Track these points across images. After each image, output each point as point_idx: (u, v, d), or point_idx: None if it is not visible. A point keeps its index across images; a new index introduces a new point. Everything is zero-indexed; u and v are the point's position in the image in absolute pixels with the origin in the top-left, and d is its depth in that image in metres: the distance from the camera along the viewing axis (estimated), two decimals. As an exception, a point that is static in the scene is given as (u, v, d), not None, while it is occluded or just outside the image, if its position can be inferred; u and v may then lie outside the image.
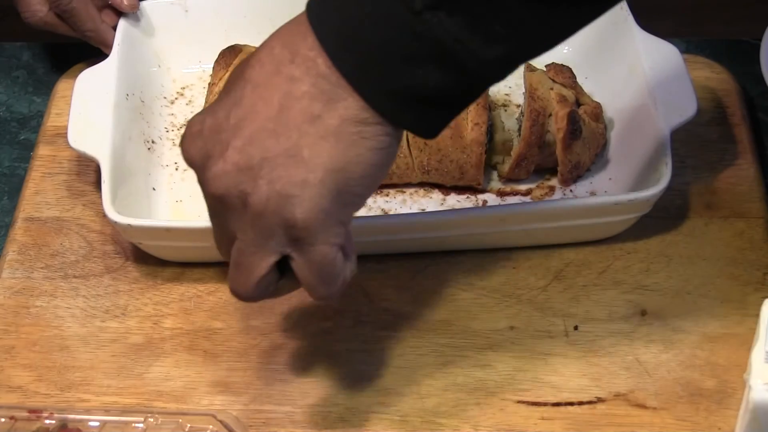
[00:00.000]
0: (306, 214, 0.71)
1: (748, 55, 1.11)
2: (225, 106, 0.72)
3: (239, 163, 0.71)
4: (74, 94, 0.99)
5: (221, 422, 0.82)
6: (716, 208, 0.98)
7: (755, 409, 0.77)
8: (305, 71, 0.70)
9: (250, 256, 0.73)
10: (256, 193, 0.71)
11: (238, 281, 0.75)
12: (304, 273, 0.74)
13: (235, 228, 0.73)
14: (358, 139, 0.70)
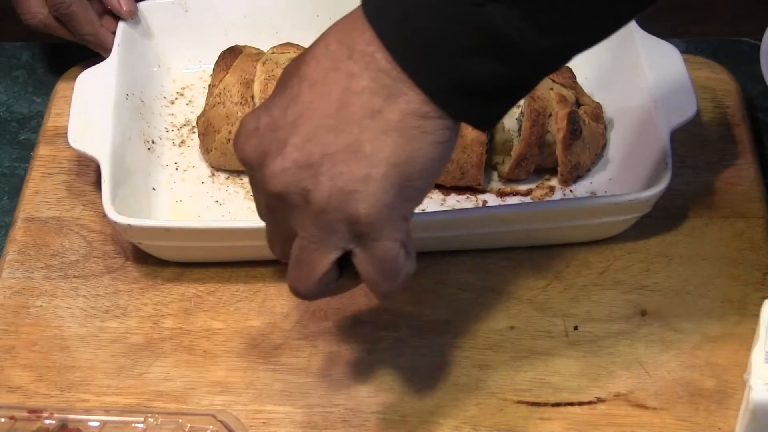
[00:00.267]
0: (369, 209, 0.70)
1: (748, 55, 1.11)
2: (280, 103, 0.72)
3: (299, 160, 0.71)
4: (74, 94, 0.99)
5: (221, 422, 0.83)
6: (716, 208, 0.98)
7: (755, 409, 0.77)
8: (364, 66, 0.69)
9: (312, 252, 0.73)
10: (317, 190, 0.70)
11: (298, 279, 0.75)
12: (367, 269, 0.73)
13: (295, 225, 0.73)
14: (420, 134, 0.70)
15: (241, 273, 0.95)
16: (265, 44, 1.04)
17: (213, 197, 1.00)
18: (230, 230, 0.91)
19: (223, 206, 1.00)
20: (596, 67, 1.05)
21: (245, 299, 0.94)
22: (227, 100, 0.99)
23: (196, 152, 1.03)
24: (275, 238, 0.77)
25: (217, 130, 1.00)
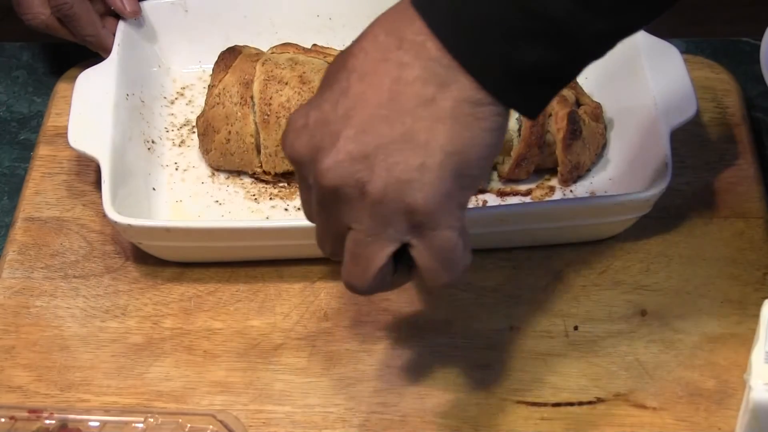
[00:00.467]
0: (427, 198, 0.70)
1: (748, 55, 1.11)
2: (330, 97, 0.72)
3: (353, 152, 0.70)
4: (74, 94, 0.99)
5: (221, 422, 0.82)
6: (716, 208, 0.98)
7: (755, 409, 0.77)
8: (415, 56, 0.69)
9: (368, 246, 0.73)
10: (373, 181, 0.70)
11: (354, 273, 0.74)
12: (426, 260, 0.73)
13: (350, 219, 0.72)
14: (473, 120, 0.70)
15: (241, 273, 0.95)
16: (265, 44, 1.04)
17: (213, 197, 1.00)
18: (230, 230, 0.91)
19: (223, 206, 1.00)
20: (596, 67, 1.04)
21: (245, 299, 0.94)
22: (227, 101, 0.99)
23: (196, 152, 1.03)
24: (326, 236, 0.76)
25: (216, 131, 1.00)
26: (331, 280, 0.95)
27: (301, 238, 0.92)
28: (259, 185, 1.01)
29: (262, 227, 0.92)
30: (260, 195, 1.00)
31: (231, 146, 0.99)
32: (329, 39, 1.07)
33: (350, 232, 0.73)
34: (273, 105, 0.98)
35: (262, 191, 1.00)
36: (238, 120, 0.98)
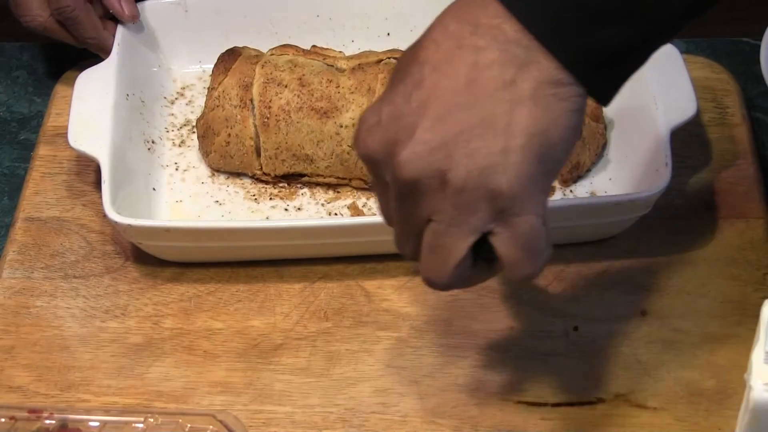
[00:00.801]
0: (512, 182, 0.69)
1: (748, 55, 1.11)
2: (402, 91, 0.71)
3: (432, 142, 0.69)
4: (74, 94, 0.99)
5: (221, 422, 0.82)
6: (716, 208, 0.98)
7: (755, 409, 0.77)
8: (491, 39, 0.68)
9: (449, 237, 0.71)
10: (455, 169, 0.69)
11: (434, 266, 0.72)
12: (509, 248, 0.71)
13: (431, 211, 0.71)
14: (555, 101, 0.69)
15: (241, 273, 0.95)
16: (265, 44, 1.04)
17: (213, 197, 1.00)
18: (230, 230, 0.91)
19: (223, 206, 1.00)
20: (596, 67, 1.05)
21: (245, 299, 0.94)
22: (226, 103, 0.99)
23: (196, 152, 1.03)
24: (406, 234, 0.74)
25: (216, 133, 1.00)
26: (331, 280, 0.95)
27: (301, 238, 0.92)
28: (259, 185, 1.01)
29: (262, 227, 0.92)
30: (260, 195, 1.00)
31: (231, 149, 0.99)
32: (329, 39, 1.07)
33: (429, 225, 0.71)
34: (272, 107, 0.98)
35: (262, 191, 1.01)
36: (238, 123, 0.98)
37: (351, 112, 0.97)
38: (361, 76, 0.98)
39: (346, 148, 0.97)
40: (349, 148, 0.97)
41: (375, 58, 0.99)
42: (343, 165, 0.98)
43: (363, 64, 0.99)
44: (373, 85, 0.97)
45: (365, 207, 0.99)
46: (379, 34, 1.09)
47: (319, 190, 1.00)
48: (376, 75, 0.97)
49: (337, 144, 0.97)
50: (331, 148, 0.98)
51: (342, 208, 0.99)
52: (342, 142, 0.97)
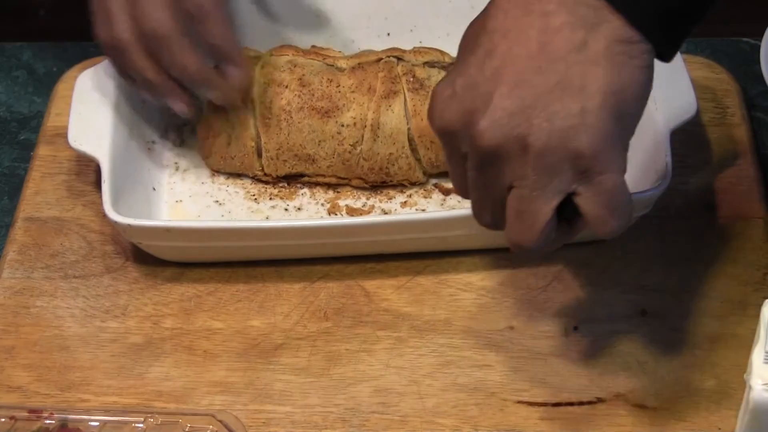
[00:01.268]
0: (593, 141, 0.70)
1: (748, 55, 1.11)
2: (474, 62, 0.72)
3: (510, 108, 0.70)
4: (74, 94, 0.99)
5: (221, 422, 0.83)
6: (716, 208, 0.98)
7: (755, 409, 0.77)
8: (559, 3, 0.70)
9: (534, 201, 0.72)
10: (535, 133, 0.70)
11: (521, 231, 0.74)
12: (594, 207, 0.73)
13: (512, 177, 0.72)
14: (627, 59, 0.70)
15: (241, 273, 0.95)
16: (265, 45, 1.04)
17: (213, 197, 1.00)
18: (230, 230, 0.91)
19: (223, 206, 1.00)
20: (596, 67, 1.05)
21: (245, 299, 0.94)
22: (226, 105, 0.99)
23: (195, 152, 1.03)
24: (486, 204, 0.76)
25: (216, 135, 1.00)
26: (331, 280, 0.95)
27: (301, 238, 0.92)
28: (259, 185, 1.01)
29: (262, 227, 0.92)
30: (260, 195, 1.00)
31: (231, 150, 0.99)
32: (329, 39, 1.07)
33: (513, 192, 0.73)
34: (273, 108, 0.98)
35: (262, 191, 1.01)
36: (239, 124, 0.98)
37: (351, 111, 0.97)
38: (361, 75, 0.98)
39: (348, 147, 0.97)
40: (350, 147, 0.97)
41: (375, 58, 0.99)
42: (344, 164, 0.98)
43: (363, 63, 0.99)
44: (373, 84, 0.97)
45: (365, 207, 0.99)
46: (379, 34, 1.09)
47: (319, 190, 1.00)
48: (377, 74, 0.98)
49: (339, 143, 0.97)
50: (333, 147, 0.98)
51: (342, 208, 0.99)
52: (343, 141, 0.97)
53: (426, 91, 0.97)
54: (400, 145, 0.97)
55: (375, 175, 0.99)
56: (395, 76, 0.97)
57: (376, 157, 0.98)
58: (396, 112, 0.97)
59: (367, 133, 0.97)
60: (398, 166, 0.98)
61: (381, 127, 0.97)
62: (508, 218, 0.74)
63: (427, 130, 0.96)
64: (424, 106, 0.96)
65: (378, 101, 0.96)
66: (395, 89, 0.97)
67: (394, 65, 0.98)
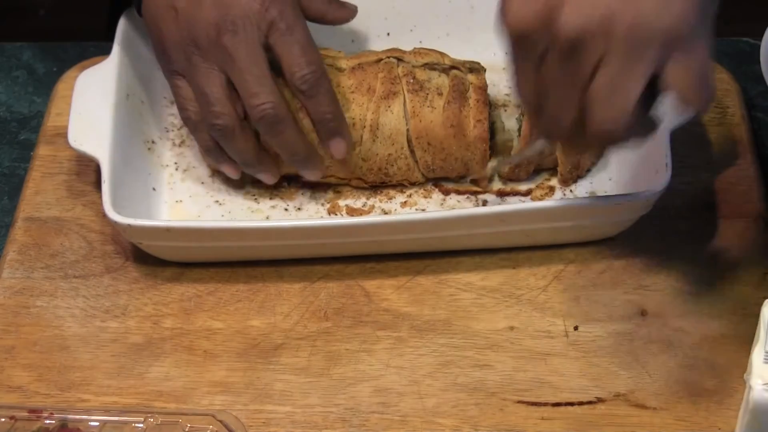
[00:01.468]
0: (678, 17, 0.71)
1: (748, 55, 1.11)
2: None
3: None
4: (74, 94, 0.99)
5: (221, 422, 0.83)
6: (716, 208, 0.98)
7: (755, 409, 0.77)
8: None
9: (622, 83, 0.73)
10: (621, 13, 0.71)
11: (609, 116, 0.74)
12: (684, 80, 0.73)
13: (598, 59, 0.73)
14: None
15: (241, 273, 0.95)
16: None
17: (213, 197, 1.00)
18: (230, 230, 0.91)
19: (223, 206, 1.00)
20: (596, 67, 1.05)
21: (245, 299, 0.94)
22: None
23: (196, 152, 1.03)
24: (568, 101, 0.76)
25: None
26: (331, 280, 0.95)
27: (301, 238, 0.92)
28: (259, 185, 1.01)
29: (262, 227, 0.92)
30: (260, 195, 1.00)
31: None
32: (329, 39, 1.07)
33: (598, 77, 0.73)
34: None
35: (262, 191, 1.00)
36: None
37: (351, 111, 0.97)
38: (361, 75, 0.98)
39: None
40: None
41: (375, 58, 0.99)
42: (343, 165, 0.98)
43: (363, 63, 0.99)
44: (373, 85, 0.97)
45: (365, 207, 0.99)
46: (379, 34, 1.09)
47: (319, 191, 1.00)
48: (376, 74, 0.97)
49: (337, 143, 0.97)
50: (332, 148, 0.98)
51: (342, 208, 0.99)
52: None
53: (425, 92, 0.97)
54: (399, 146, 0.97)
55: (374, 175, 0.98)
56: (395, 77, 0.97)
57: (375, 157, 0.97)
58: (395, 113, 0.96)
59: (366, 134, 0.97)
60: (397, 166, 0.98)
61: (380, 128, 0.97)
62: (594, 106, 0.75)
63: (424, 132, 0.96)
64: (423, 107, 0.96)
65: (377, 102, 0.96)
66: (395, 90, 0.97)
67: (394, 66, 0.98)
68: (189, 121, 0.94)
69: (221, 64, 0.91)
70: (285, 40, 0.91)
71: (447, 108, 0.96)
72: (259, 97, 0.91)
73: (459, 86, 0.97)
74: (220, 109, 0.91)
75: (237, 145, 0.93)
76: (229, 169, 0.97)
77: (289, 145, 0.93)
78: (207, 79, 0.92)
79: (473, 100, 0.96)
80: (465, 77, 0.98)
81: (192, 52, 0.91)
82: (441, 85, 0.97)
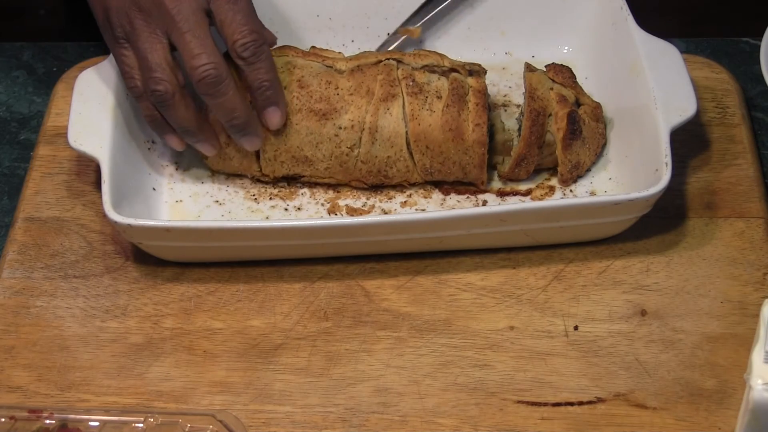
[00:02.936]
0: None
1: (748, 55, 1.11)
2: None
3: None
4: (74, 94, 0.99)
5: (221, 422, 0.83)
6: (716, 208, 0.98)
7: (755, 409, 0.77)
8: None
9: None
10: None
11: None
12: None
13: None
14: None
15: (241, 273, 0.95)
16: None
17: (213, 197, 1.00)
18: (230, 230, 0.91)
19: (223, 206, 1.00)
20: (596, 67, 1.05)
21: (245, 299, 0.94)
22: None
23: (196, 152, 1.03)
24: None
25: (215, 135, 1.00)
26: (331, 280, 0.95)
27: (301, 238, 0.92)
28: (259, 185, 1.01)
29: (262, 227, 0.92)
30: (260, 195, 1.00)
31: (230, 151, 0.99)
32: (329, 39, 1.07)
33: None
34: None
35: (262, 191, 1.01)
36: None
37: (350, 113, 0.97)
38: (360, 77, 0.97)
39: (345, 149, 0.97)
40: (348, 149, 0.97)
41: (374, 59, 0.99)
42: (342, 167, 0.98)
43: (362, 65, 0.98)
44: (372, 87, 0.97)
45: (365, 207, 0.99)
46: (379, 34, 1.09)
47: (319, 190, 1.00)
48: (375, 76, 0.97)
49: (336, 146, 0.97)
50: (330, 149, 0.97)
51: (342, 207, 0.99)
52: (341, 143, 0.97)
53: (425, 95, 0.97)
54: (398, 148, 0.97)
55: (373, 177, 0.99)
56: (394, 80, 0.97)
57: (374, 160, 0.97)
58: (394, 116, 0.96)
59: (364, 136, 0.96)
60: (396, 168, 0.98)
61: (379, 131, 0.96)
62: None
63: (423, 136, 0.96)
64: (422, 110, 0.96)
65: (376, 104, 0.96)
66: (394, 92, 0.97)
67: (393, 68, 0.98)
68: (135, 89, 0.94)
69: (163, 27, 0.92)
70: (228, 8, 0.92)
71: (446, 111, 0.96)
72: (201, 58, 0.91)
73: (458, 89, 0.97)
74: (161, 75, 0.92)
75: (177, 113, 0.94)
76: (173, 139, 0.97)
77: (229, 107, 0.94)
78: (149, 44, 0.92)
79: (472, 104, 0.96)
80: (464, 80, 0.98)
81: (135, 15, 0.92)
82: (440, 88, 0.97)
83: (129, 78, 0.94)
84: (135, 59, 0.93)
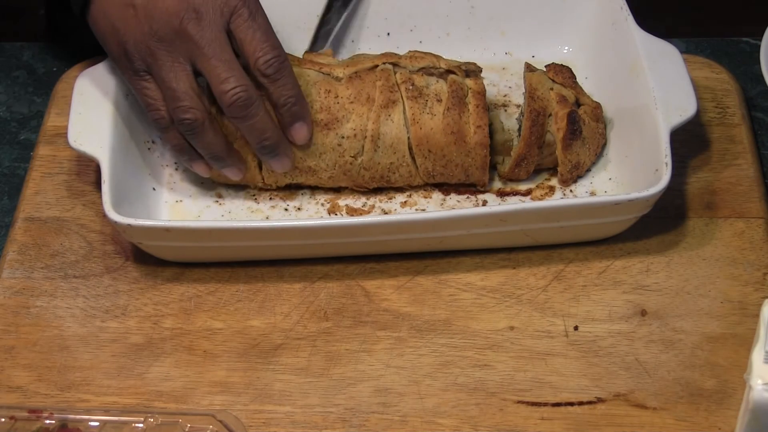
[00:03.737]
0: None
1: (748, 55, 1.11)
2: None
3: None
4: (74, 94, 0.99)
5: (221, 422, 0.83)
6: (716, 208, 0.98)
7: (755, 409, 0.77)
8: None
9: None
10: None
11: None
12: None
13: None
14: None
15: (241, 273, 0.95)
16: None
17: (213, 197, 1.00)
18: (230, 230, 0.91)
19: (223, 206, 1.00)
20: (596, 67, 1.05)
21: (245, 299, 0.94)
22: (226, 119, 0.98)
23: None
24: None
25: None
26: (331, 280, 0.95)
27: (301, 238, 0.92)
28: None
29: (262, 227, 0.92)
30: (260, 195, 1.00)
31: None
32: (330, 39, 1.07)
33: None
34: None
35: (262, 191, 1.00)
36: (239, 138, 0.97)
37: (351, 122, 0.96)
38: (359, 84, 0.97)
39: (348, 158, 0.97)
40: (351, 158, 0.97)
41: (370, 64, 0.98)
42: (345, 174, 0.98)
43: (359, 71, 0.98)
44: (372, 93, 0.97)
45: (365, 207, 0.99)
46: (379, 34, 1.09)
47: (319, 190, 1.00)
48: (374, 82, 0.97)
49: (340, 155, 0.97)
50: (334, 159, 0.97)
51: (342, 208, 0.99)
52: (344, 152, 0.97)
53: (425, 99, 0.97)
54: (401, 153, 0.97)
55: (376, 182, 0.98)
56: (393, 85, 0.97)
57: (377, 166, 0.97)
58: (396, 121, 0.96)
59: (367, 144, 0.96)
60: (399, 174, 0.98)
61: (381, 138, 0.96)
62: None
63: (425, 140, 0.96)
64: (423, 114, 0.96)
65: (377, 111, 0.96)
66: (394, 98, 0.96)
67: (391, 73, 0.97)
68: (162, 121, 0.94)
69: (187, 54, 0.91)
70: (248, 26, 0.92)
71: (447, 114, 0.96)
72: (230, 82, 0.91)
73: (458, 92, 0.97)
74: (189, 103, 0.92)
75: (207, 139, 0.93)
76: (200, 167, 0.97)
77: (260, 128, 0.93)
78: (173, 74, 0.92)
79: (473, 106, 0.96)
80: (463, 82, 0.97)
81: (155, 46, 0.91)
82: (439, 90, 0.97)
83: (154, 110, 0.93)
84: (158, 90, 0.93)
